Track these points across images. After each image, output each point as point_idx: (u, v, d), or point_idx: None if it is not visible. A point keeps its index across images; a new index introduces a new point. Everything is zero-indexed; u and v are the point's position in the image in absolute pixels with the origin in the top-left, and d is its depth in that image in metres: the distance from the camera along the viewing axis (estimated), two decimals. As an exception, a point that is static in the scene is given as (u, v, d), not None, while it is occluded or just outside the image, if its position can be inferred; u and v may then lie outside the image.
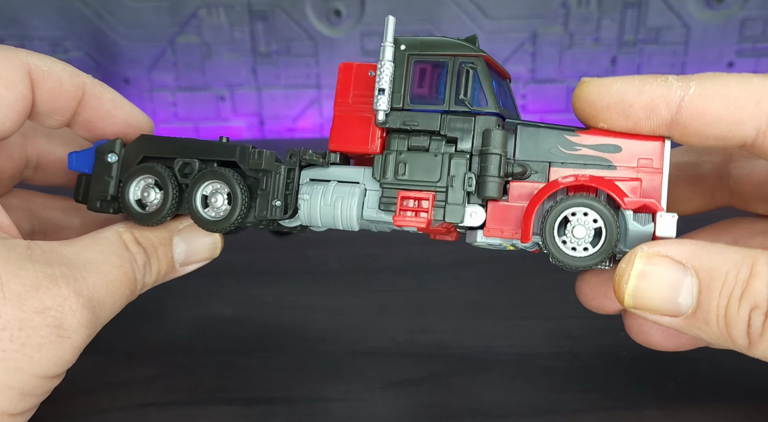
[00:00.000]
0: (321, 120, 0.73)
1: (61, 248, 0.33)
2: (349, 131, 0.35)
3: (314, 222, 0.36)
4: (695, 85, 0.30)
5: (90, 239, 0.35)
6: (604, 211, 0.31)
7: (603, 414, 0.38)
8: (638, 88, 0.31)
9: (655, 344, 0.38)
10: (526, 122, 0.34)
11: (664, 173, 0.32)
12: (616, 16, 0.68)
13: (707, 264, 0.28)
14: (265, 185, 0.36)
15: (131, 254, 0.35)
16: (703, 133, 0.31)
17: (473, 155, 0.33)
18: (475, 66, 0.33)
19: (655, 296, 0.29)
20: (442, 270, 0.53)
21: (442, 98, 0.34)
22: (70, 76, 0.35)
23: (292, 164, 0.36)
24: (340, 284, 0.51)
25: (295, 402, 0.39)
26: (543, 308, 0.47)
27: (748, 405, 0.38)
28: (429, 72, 0.34)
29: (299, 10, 0.68)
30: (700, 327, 0.29)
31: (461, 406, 0.39)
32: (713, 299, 0.28)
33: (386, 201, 0.34)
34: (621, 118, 0.31)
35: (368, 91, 0.35)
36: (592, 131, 0.33)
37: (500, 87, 0.35)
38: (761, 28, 0.68)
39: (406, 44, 0.34)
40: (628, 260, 0.30)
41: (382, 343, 0.45)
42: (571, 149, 0.33)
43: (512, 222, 0.33)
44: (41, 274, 0.31)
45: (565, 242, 0.31)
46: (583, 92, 0.32)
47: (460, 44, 0.34)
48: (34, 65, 0.34)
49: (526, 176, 0.33)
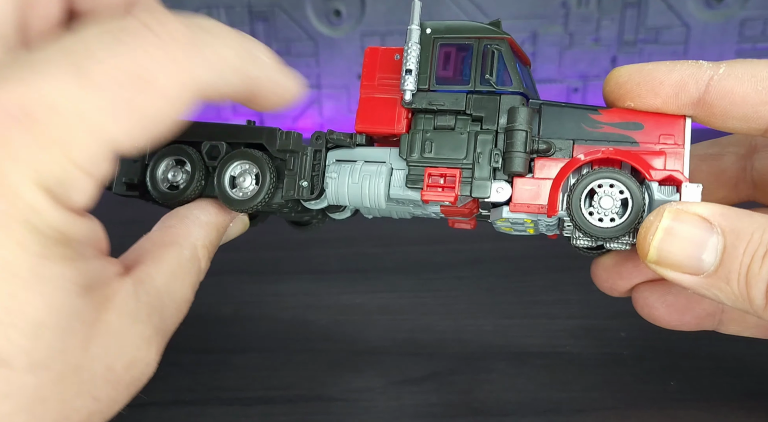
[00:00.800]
0: (321, 120, 0.73)
1: (156, 277, 0.31)
2: (375, 113, 0.36)
3: (342, 201, 0.36)
4: (725, 66, 0.31)
5: (176, 263, 0.32)
6: (629, 183, 0.31)
7: (603, 414, 0.38)
8: (669, 68, 0.32)
9: (659, 319, 0.38)
10: (550, 101, 0.35)
11: (686, 149, 0.32)
12: (616, 16, 0.68)
13: (734, 224, 0.29)
14: (293, 165, 0.36)
15: (201, 275, 0.34)
16: (729, 113, 0.31)
17: (499, 132, 0.34)
18: (500, 47, 0.34)
19: (680, 251, 0.29)
20: (442, 270, 0.53)
21: (467, 79, 0.35)
22: (244, 85, 0.29)
23: (318, 145, 0.37)
24: (340, 284, 0.51)
25: (296, 402, 0.39)
26: (543, 308, 0.47)
27: (748, 404, 0.38)
28: (454, 54, 0.35)
29: (299, 10, 0.68)
30: (720, 286, 0.29)
31: (461, 406, 0.39)
32: (737, 258, 0.28)
33: (414, 178, 0.35)
34: (650, 95, 0.32)
35: (393, 74, 0.36)
36: (614, 111, 0.33)
37: (522, 71, 0.36)
38: (761, 28, 0.68)
39: (432, 28, 0.35)
40: (657, 213, 0.30)
41: (383, 343, 0.45)
42: (594, 127, 0.33)
43: (538, 198, 0.33)
44: (141, 340, 0.28)
45: (592, 214, 0.32)
46: (614, 76, 0.33)
47: (485, 28, 0.35)
48: (209, 87, 0.27)
49: (551, 153, 0.33)
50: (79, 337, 0.26)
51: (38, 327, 0.24)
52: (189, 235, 0.34)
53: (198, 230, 0.35)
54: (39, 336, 0.24)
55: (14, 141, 0.23)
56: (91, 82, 0.24)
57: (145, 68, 0.24)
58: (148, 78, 0.25)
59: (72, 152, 0.24)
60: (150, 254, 0.32)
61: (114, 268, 0.29)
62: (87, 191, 0.26)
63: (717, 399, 0.39)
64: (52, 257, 0.25)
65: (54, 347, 0.24)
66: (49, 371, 0.24)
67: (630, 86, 0.33)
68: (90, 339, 0.26)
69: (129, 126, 0.25)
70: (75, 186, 0.25)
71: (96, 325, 0.26)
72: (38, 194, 0.24)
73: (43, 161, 0.23)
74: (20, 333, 0.24)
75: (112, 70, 0.24)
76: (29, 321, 0.24)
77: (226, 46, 0.27)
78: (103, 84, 0.24)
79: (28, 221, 0.24)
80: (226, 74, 0.27)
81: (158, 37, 0.25)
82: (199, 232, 0.35)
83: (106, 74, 0.24)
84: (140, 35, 0.25)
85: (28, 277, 0.24)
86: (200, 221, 0.35)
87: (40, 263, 0.24)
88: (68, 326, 0.25)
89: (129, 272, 0.30)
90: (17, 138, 0.23)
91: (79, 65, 0.24)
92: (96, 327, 0.26)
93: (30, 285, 0.24)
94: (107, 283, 0.28)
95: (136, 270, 0.30)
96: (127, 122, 0.25)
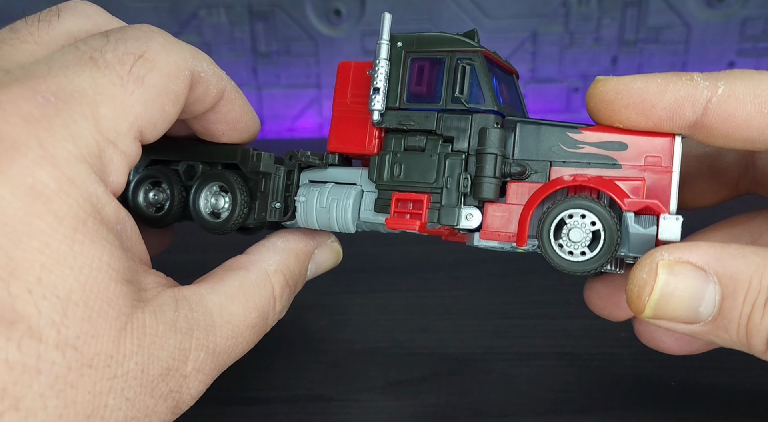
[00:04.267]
0: (321, 120, 0.73)
1: (207, 297, 0.30)
2: (347, 132, 0.35)
3: (311, 225, 0.35)
4: (724, 85, 0.29)
5: (237, 285, 0.31)
6: (603, 213, 0.29)
7: (603, 414, 0.38)
8: (661, 88, 0.29)
9: (668, 349, 0.37)
10: (527, 119, 0.32)
11: (674, 172, 0.30)
12: (617, 15, 0.68)
13: (730, 269, 0.27)
14: (264, 187, 0.36)
15: (274, 300, 0.33)
16: (731, 135, 0.29)
17: (470, 154, 0.32)
18: (472, 62, 0.32)
19: (677, 306, 0.28)
20: (442, 270, 0.53)
21: (438, 96, 0.33)
22: (217, 81, 0.33)
23: (291, 165, 0.36)
24: (340, 284, 0.51)
25: (295, 402, 0.39)
26: (543, 308, 0.47)
27: (749, 404, 0.38)
28: (427, 69, 0.33)
29: (299, 10, 0.68)
30: (718, 334, 0.28)
31: (461, 406, 0.39)
32: (736, 308, 0.27)
33: (382, 203, 0.33)
34: (641, 118, 0.30)
35: (366, 90, 0.34)
36: (596, 128, 0.31)
37: (504, 83, 0.35)
38: (762, 28, 0.68)
39: (403, 41, 0.33)
40: (648, 270, 0.28)
41: (382, 343, 0.45)
42: (573, 147, 0.31)
43: (509, 225, 0.31)
44: (178, 351, 0.27)
45: (562, 246, 0.30)
46: (599, 91, 0.30)
47: (457, 40, 0.33)
48: (196, 72, 0.32)
49: (526, 176, 0.31)
50: (112, 326, 0.25)
51: (69, 302, 0.24)
52: (261, 261, 0.33)
53: (272, 255, 0.34)
54: (69, 312, 0.24)
55: (51, 119, 0.25)
56: (107, 65, 0.28)
57: (146, 51, 0.29)
58: (150, 58, 0.29)
59: (101, 125, 0.27)
60: (213, 276, 0.32)
61: (156, 278, 0.29)
62: (120, 168, 0.28)
63: (717, 399, 0.39)
64: (89, 235, 0.25)
65: (84, 329, 0.24)
66: (79, 354, 0.24)
67: (617, 107, 0.30)
68: (123, 333, 0.25)
69: (144, 99, 0.28)
70: (108, 159, 0.27)
71: (131, 320, 0.26)
72: (76, 165, 0.25)
73: (78, 135, 0.26)
74: (51, 307, 0.23)
75: (120, 54, 0.28)
76: (60, 295, 0.24)
77: (199, 50, 0.33)
78: (115, 65, 0.28)
79: (67, 193, 0.24)
80: (204, 65, 0.32)
81: (148, 32, 0.30)
82: (272, 257, 0.34)
83: (115, 58, 0.28)
84: (134, 32, 0.30)
85: (63, 250, 0.24)
86: (276, 248, 0.35)
87: (77, 237, 0.24)
88: (101, 310, 0.25)
89: (174, 287, 0.30)
90: (54, 117, 0.25)
91: (92, 56, 0.28)
92: (131, 323, 0.26)
93: (63, 259, 0.24)
94: (146, 287, 0.28)
95: (184, 288, 0.30)
96: (141, 95, 0.28)
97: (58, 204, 0.24)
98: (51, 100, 0.25)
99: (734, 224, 0.38)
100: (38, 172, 0.24)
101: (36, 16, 0.31)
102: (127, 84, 0.28)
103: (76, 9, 0.32)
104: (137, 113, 0.28)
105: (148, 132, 0.29)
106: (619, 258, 0.32)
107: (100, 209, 0.26)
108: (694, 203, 0.39)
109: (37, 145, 0.24)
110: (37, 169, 0.24)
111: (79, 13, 0.32)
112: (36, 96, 0.25)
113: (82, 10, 0.32)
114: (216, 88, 0.33)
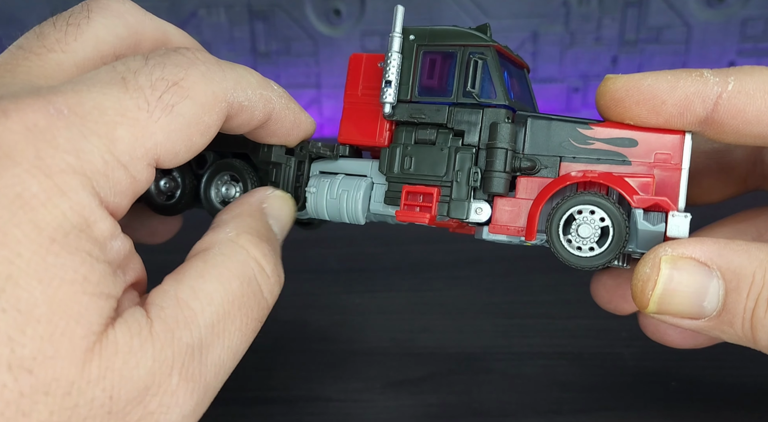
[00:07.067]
0: (321, 120, 0.73)
1: (175, 288, 0.27)
2: (358, 124, 0.35)
3: (321, 215, 0.36)
4: (734, 81, 0.29)
5: (202, 264, 0.28)
6: (612, 209, 0.29)
7: (604, 414, 0.38)
8: (671, 84, 0.29)
9: (672, 343, 0.37)
10: (538, 114, 0.33)
11: (683, 169, 0.30)
12: (617, 15, 0.68)
13: (733, 264, 0.27)
14: (275, 177, 0.36)
15: (255, 261, 0.30)
16: (741, 131, 0.29)
17: (480, 148, 0.32)
18: (484, 56, 0.32)
19: (681, 301, 0.28)
20: (441, 270, 0.52)
21: (450, 90, 0.33)
22: (263, 105, 0.32)
23: (302, 156, 0.36)
24: (339, 284, 0.51)
25: (295, 402, 0.39)
26: (543, 308, 0.47)
27: (749, 404, 0.38)
28: (438, 63, 0.33)
29: (299, 9, 0.68)
30: (722, 329, 0.28)
31: (461, 406, 0.39)
32: (740, 302, 0.27)
33: (392, 195, 0.34)
34: (651, 115, 0.30)
35: (378, 83, 0.34)
36: (607, 124, 0.31)
37: (515, 77, 0.35)
38: (762, 28, 0.68)
39: (416, 34, 0.34)
40: (651, 265, 0.28)
41: (382, 343, 0.45)
42: (583, 143, 0.31)
43: (518, 220, 0.32)
44: (159, 364, 0.25)
45: (570, 241, 0.30)
46: (609, 89, 0.30)
47: (469, 34, 0.33)
48: (237, 102, 0.30)
49: (536, 171, 0.32)
50: (77, 347, 0.23)
51: (30, 317, 0.22)
52: (217, 234, 0.31)
53: (225, 226, 0.31)
54: (29, 329, 0.22)
55: (57, 131, 0.24)
56: (137, 87, 0.26)
57: (182, 79, 0.27)
58: (185, 86, 0.27)
59: (114, 146, 0.25)
60: (175, 271, 0.29)
61: (135, 297, 0.27)
62: (124, 191, 0.26)
63: (718, 399, 0.39)
64: (68, 246, 0.23)
65: (43, 349, 0.22)
66: (34, 378, 0.22)
67: (628, 104, 0.30)
68: (90, 354, 0.23)
69: (169, 128, 0.27)
70: (113, 181, 0.25)
71: (101, 339, 0.23)
72: (72, 178, 0.24)
73: (84, 150, 0.24)
74: (9, 321, 0.21)
75: (154, 79, 0.27)
76: (22, 309, 0.22)
77: (248, 73, 0.31)
78: (146, 89, 0.26)
79: (55, 204, 0.23)
80: (249, 93, 0.30)
81: (192, 59, 0.29)
82: (226, 228, 0.31)
83: (148, 82, 0.27)
84: (177, 57, 0.28)
85: (35, 260, 0.22)
86: (224, 220, 0.32)
87: (52, 248, 0.23)
88: (66, 328, 0.22)
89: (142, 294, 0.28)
90: (62, 129, 0.24)
91: (124, 76, 0.26)
92: (100, 343, 0.23)
93: (33, 270, 0.22)
94: (124, 303, 0.26)
95: (149, 294, 0.27)
96: (167, 123, 0.27)
97: (41, 214, 0.23)
98: (63, 113, 0.24)
99: (741, 220, 0.37)
100: (28, 181, 0.23)
101: (65, 18, 0.30)
102: (154, 110, 0.26)
103: (108, 8, 0.31)
104: (157, 141, 0.26)
105: (168, 160, 0.27)
106: (626, 254, 0.32)
107: (91, 223, 0.24)
108: (702, 199, 0.39)
109: (34, 154, 0.23)
110: (28, 178, 0.23)
111: (110, 13, 0.31)
112: (48, 107, 0.24)
113: (115, 9, 0.31)
114: (262, 113, 0.32)
